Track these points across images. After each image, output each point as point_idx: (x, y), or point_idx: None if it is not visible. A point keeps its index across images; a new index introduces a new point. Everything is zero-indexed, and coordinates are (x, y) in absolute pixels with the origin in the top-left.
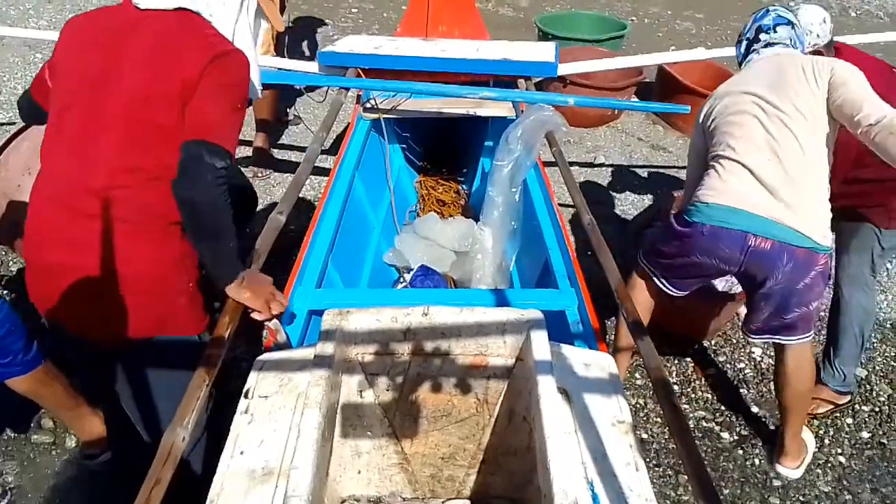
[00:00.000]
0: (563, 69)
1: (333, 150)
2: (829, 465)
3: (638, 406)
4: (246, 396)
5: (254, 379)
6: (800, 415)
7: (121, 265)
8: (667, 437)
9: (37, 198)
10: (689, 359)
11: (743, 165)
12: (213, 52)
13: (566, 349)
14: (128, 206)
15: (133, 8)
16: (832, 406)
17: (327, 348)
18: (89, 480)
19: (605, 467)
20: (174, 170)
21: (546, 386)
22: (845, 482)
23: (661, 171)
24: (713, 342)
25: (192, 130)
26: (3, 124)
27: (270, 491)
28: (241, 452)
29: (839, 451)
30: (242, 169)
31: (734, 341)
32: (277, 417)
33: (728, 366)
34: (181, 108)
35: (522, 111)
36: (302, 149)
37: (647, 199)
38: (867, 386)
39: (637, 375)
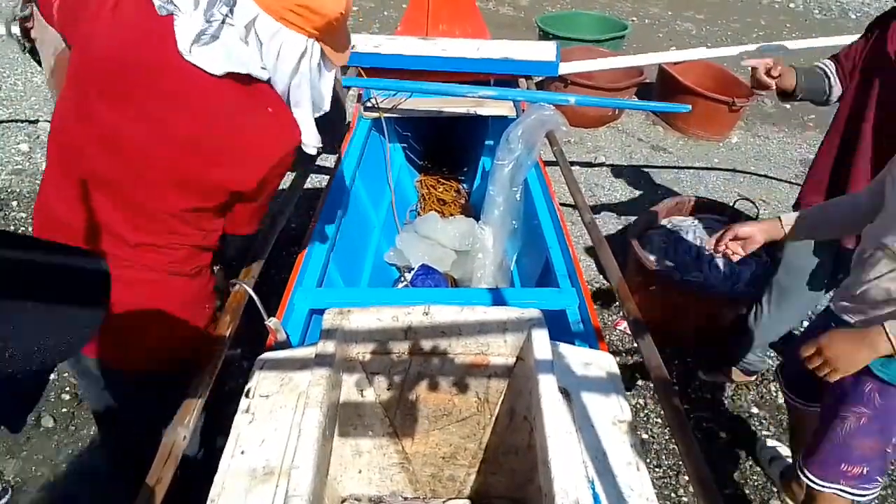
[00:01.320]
0: (564, 69)
1: (334, 148)
2: None
3: (639, 406)
4: (247, 396)
5: (255, 378)
6: None
7: (127, 299)
8: (667, 437)
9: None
10: (689, 359)
11: None
12: (269, 162)
13: (567, 348)
14: (136, 261)
15: (175, 51)
16: None
17: (328, 347)
18: (90, 478)
19: (606, 467)
20: (189, 240)
21: (547, 385)
22: None
23: (661, 171)
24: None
25: (234, 223)
26: (4, 121)
27: (271, 490)
28: (242, 452)
29: None
30: None
31: None
32: (278, 417)
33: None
34: (219, 202)
35: (523, 110)
36: None
37: (648, 200)
38: None
39: (638, 375)
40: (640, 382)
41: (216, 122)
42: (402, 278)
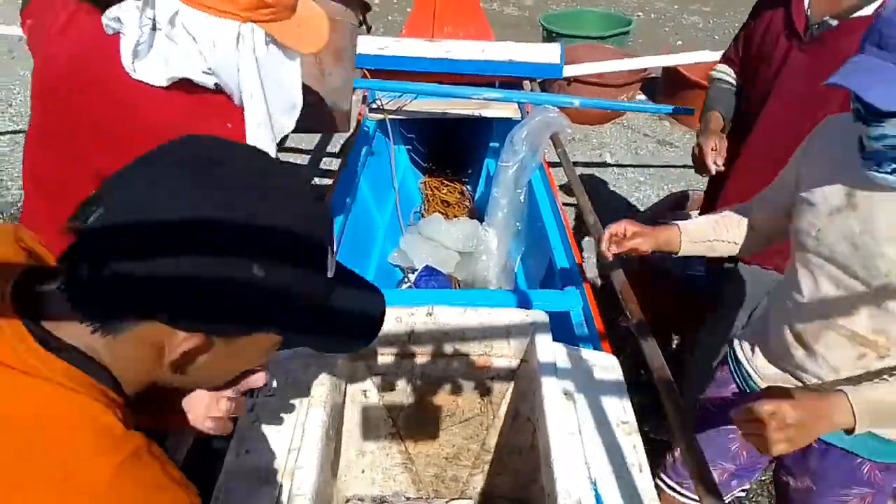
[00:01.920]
0: (569, 70)
1: (338, 150)
2: None
3: (642, 406)
4: (251, 396)
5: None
6: None
7: None
8: (671, 437)
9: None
10: (693, 355)
11: None
12: None
13: (570, 350)
14: None
15: (122, 69)
16: None
17: None
18: None
19: (609, 468)
20: None
21: (550, 387)
22: None
23: (669, 167)
24: None
25: None
26: (16, 132)
27: (275, 490)
28: (247, 451)
29: None
30: None
31: None
32: (282, 417)
33: None
34: None
35: (528, 112)
36: (307, 150)
37: (653, 195)
38: None
39: (641, 373)
40: (642, 382)
41: (172, 137)
42: (406, 279)
